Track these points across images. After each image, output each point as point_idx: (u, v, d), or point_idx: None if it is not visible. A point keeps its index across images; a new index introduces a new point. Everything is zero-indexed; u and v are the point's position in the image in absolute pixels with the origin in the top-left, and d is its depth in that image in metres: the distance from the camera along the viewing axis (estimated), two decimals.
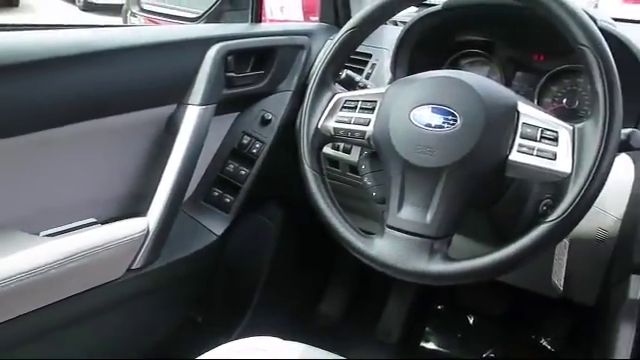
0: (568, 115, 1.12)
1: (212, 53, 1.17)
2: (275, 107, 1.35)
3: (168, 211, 1.13)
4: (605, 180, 0.76)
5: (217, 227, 1.30)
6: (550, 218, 0.76)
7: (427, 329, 1.81)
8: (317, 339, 1.00)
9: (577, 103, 1.14)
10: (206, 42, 1.18)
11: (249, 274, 1.51)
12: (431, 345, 1.79)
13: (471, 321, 1.81)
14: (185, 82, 1.15)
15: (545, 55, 1.16)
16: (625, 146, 0.81)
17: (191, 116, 1.15)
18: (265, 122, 1.34)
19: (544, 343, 1.71)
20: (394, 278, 0.86)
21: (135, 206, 1.18)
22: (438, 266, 0.80)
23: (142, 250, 1.12)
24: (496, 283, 1.41)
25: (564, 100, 1.16)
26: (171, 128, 1.17)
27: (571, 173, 0.76)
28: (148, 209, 1.13)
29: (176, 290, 1.30)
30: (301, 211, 1.10)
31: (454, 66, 1.24)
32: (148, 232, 1.11)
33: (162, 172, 1.14)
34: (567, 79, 1.16)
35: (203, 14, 1.46)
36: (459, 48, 1.24)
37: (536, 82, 1.18)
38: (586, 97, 1.10)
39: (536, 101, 1.17)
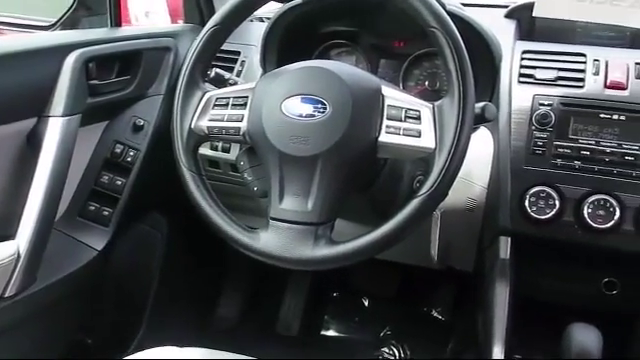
0: (431, 96, 1.18)
1: (70, 61, 1.11)
2: (146, 112, 1.31)
3: (39, 231, 1.06)
4: (466, 151, 0.82)
5: (97, 242, 1.24)
6: (421, 192, 0.81)
7: (326, 317, 1.85)
8: (217, 343, 0.99)
9: (438, 84, 1.22)
10: (63, 50, 1.11)
11: (138, 287, 1.46)
12: (331, 332, 1.83)
13: (366, 303, 1.87)
14: (43, 93, 1.09)
15: (405, 41, 1.22)
16: (481, 119, 0.87)
17: (54, 129, 1.08)
18: (137, 128, 1.29)
19: (435, 314, 1.81)
20: (289, 272, 0.87)
21: (1, 229, 1.10)
22: (323, 251, 0.82)
23: (14, 276, 1.04)
24: (385, 263, 1.47)
25: (426, 82, 1.23)
26: (33, 143, 1.09)
27: (435, 148, 0.81)
28: (17, 231, 1.05)
29: (59, 314, 1.23)
30: (186, 216, 1.07)
31: (322, 57, 1.27)
32: (19, 256, 1.03)
33: (28, 190, 1.07)
34: (427, 62, 1.23)
35: (57, 21, 1.37)
36: (325, 39, 1.27)
37: (399, 67, 1.24)
38: (445, 77, 1.18)
39: (401, 85, 1.23)
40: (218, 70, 1.05)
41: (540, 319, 1.11)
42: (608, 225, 0.97)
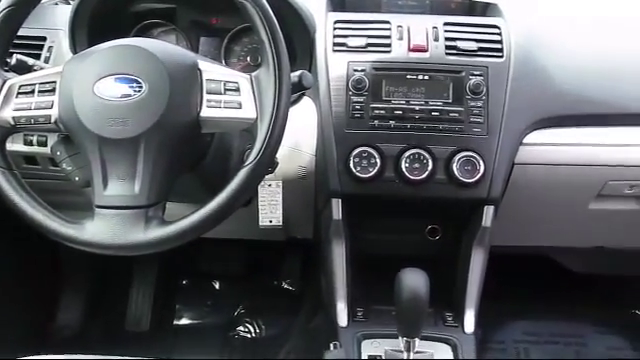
0: (254, 71, 1.20)
1: None
2: None
3: None
4: (286, 118, 0.84)
5: None
6: (247, 162, 0.82)
7: (177, 307, 1.81)
8: (59, 350, 0.93)
9: (259, 59, 1.23)
10: None
11: None
12: (184, 321, 1.80)
13: (217, 286, 1.86)
14: None
15: (222, 17, 1.22)
16: (299, 87, 0.90)
17: None
18: None
19: (285, 285, 1.85)
20: (133, 265, 0.84)
21: None
22: (156, 232, 0.81)
23: None
24: (230, 242, 1.48)
25: (248, 58, 1.25)
26: None
27: (257, 117, 0.83)
28: None
29: None
30: (4, 221, 0.98)
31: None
32: None
33: None
34: (246, 38, 1.24)
35: None
36: (141, 18, 1.23)
37: (220, 44, 1.24)
38: None
39: (223, 62, 1.23)
40: (20, 56, 0.97)
41: (377, 271, 1.19)
42: (423, 176, 1.06)
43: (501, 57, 1.11)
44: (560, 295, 1.84)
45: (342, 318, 1.15)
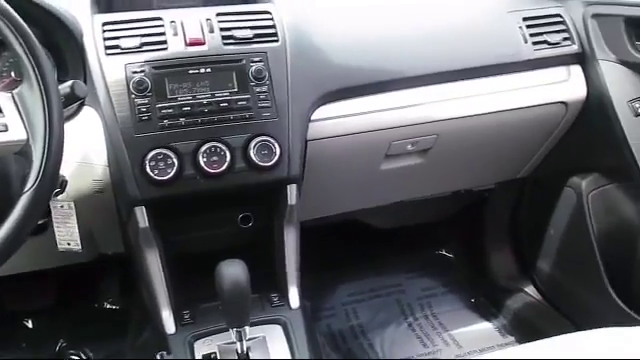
0: None
1: None
2: None
3: None
4: (63, 134, 0.79)
5: None
6: (27, 187, 0.76)
7: None
8: None
9: None
10: None
11: None
12: None
13: (30, 324, 1.70)
14: None
15: None
16: (73, 98, 0.85)
17: None
18: None
19: (107, 306, 1.75)
20: None
21: None
22: None
23: None
24: (33, 275, 1.35)
25: (12, 73, 1.13)
26: None
27: (28, 138, 0.76)
28: None
29: None
30: None
31: None
32: None
33: None
34: (6, 52, 1.12)
35: None
36: None
37: None
38: None
39: None
40: None
41: (198, 270, 1.18)
42: (223, 168, 1.06)
43: (277, 41, 1.15)
44: (375, 252, 2.00)
45: (169, 325, 1.12)
